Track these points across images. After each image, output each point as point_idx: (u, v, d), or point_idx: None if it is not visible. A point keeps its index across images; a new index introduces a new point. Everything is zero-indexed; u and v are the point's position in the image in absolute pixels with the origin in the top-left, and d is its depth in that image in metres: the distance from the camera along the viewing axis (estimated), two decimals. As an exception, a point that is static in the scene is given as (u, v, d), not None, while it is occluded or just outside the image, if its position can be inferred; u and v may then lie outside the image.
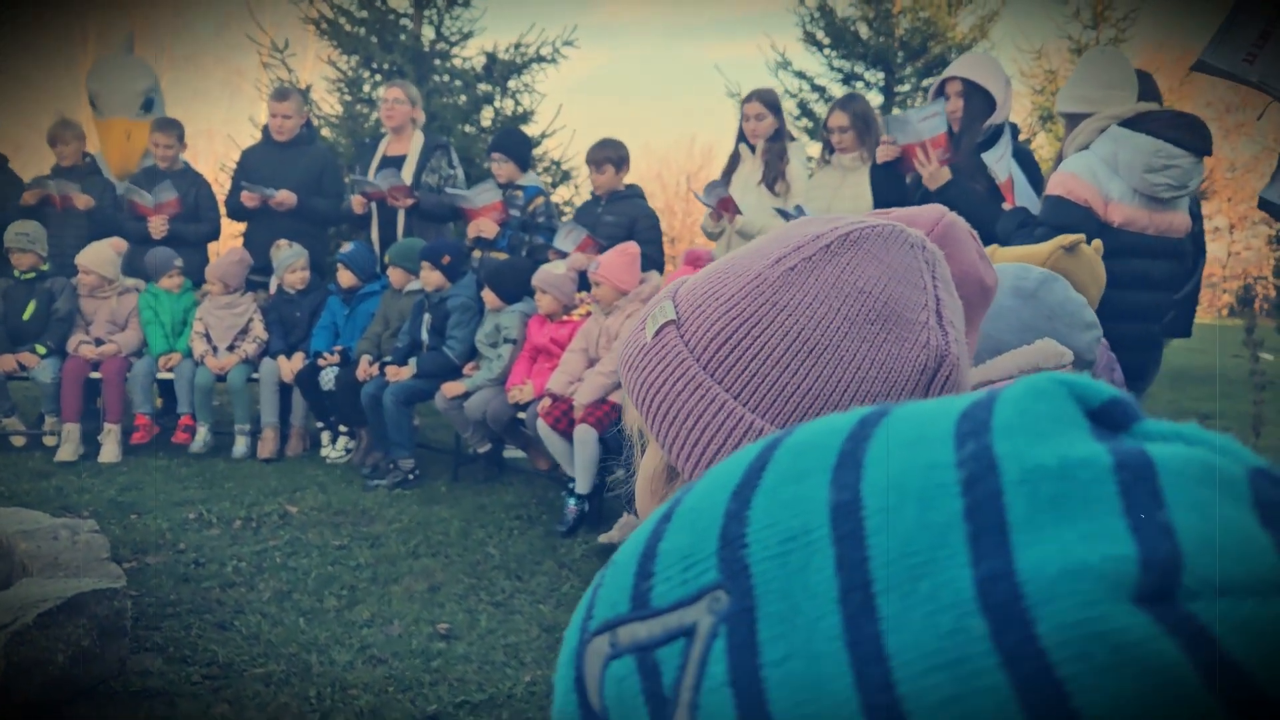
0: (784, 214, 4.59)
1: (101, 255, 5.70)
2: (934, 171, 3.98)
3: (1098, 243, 2.10)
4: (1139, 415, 0.32)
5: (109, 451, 5.51)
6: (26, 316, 5.63)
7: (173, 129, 6.20)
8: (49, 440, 5.69)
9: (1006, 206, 3.92)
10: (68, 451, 5.48)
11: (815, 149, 7.98)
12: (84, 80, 6.99)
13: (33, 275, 5.65)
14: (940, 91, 4.17)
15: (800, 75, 9.91)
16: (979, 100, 4.06)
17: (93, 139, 6.58)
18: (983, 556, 0.28)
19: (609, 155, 5.58)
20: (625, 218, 5.54)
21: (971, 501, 0.29)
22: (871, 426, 0.33)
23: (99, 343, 5.70)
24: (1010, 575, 0.27)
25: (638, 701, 0.34)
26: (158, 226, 5.96)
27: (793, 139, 5.25)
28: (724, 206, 5.00)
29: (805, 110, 9.80)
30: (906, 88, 9.33)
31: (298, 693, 2.93)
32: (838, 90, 9.63)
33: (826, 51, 9.70)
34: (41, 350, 5.60)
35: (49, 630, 2.81)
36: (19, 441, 5.81)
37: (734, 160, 5.31)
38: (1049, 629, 0.26)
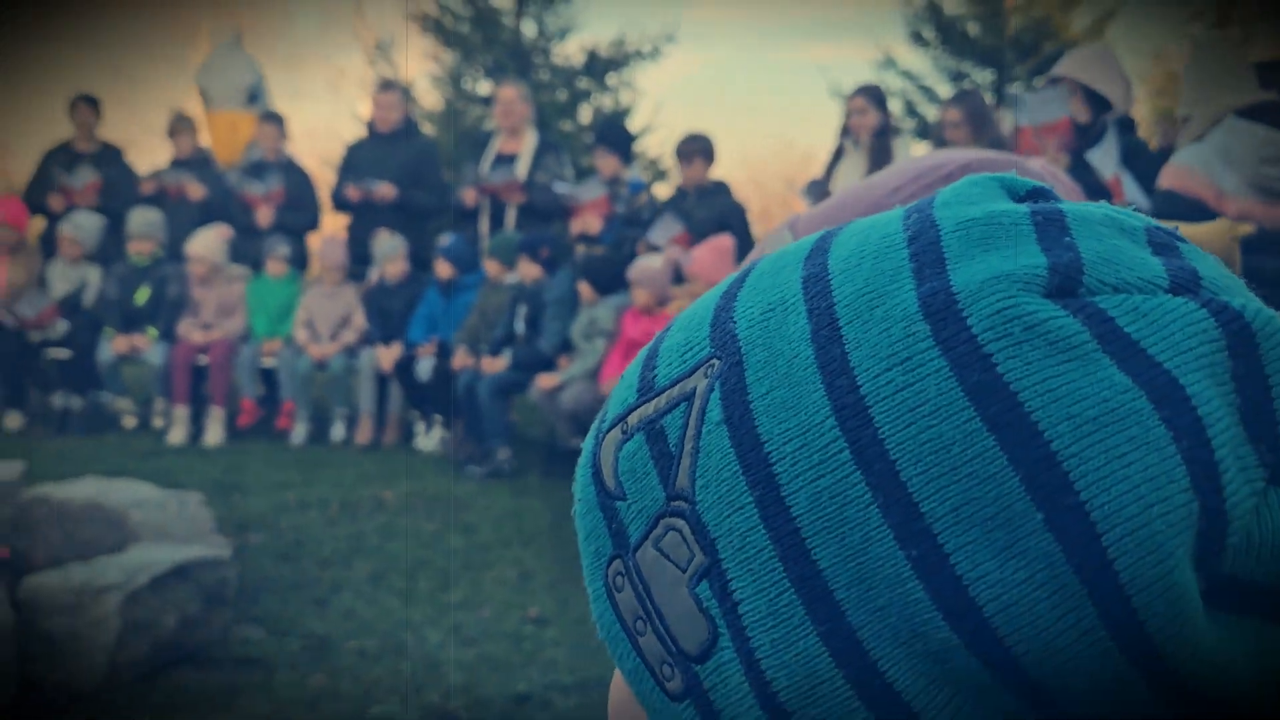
0: (888, 210, 4.52)
1: (211, 243, 5.90)
2: (1050, 158, 3.84)
3: (1240, 227, 1.99)
4: (1058, 199, 0.39)
5: (214, 434, 5.69)
6: (140, 301, 5.85)
7: (277, 121, 6.41)
8: (158, 421, 5.91)
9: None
10: (176, 433, 5.67)
11: (921, 149, 7.85)
12: (195, 77, 7.26)
13: (148, 261, 5.87)
14: (1055, 82, 4.04)
15: (906, 75, 9.77)
16: (1090, 99, 3.92)
17: (203, 133, 6.84)
18: (924, 280, 0.35)
19: (697, 147, 5.61)
20: (715, 211, 5.53)
21: (916, 249, 0.36)
22: (836, 230, 0.40)
23: (207, 327, 5.89)
24: (947, 289, 0.34)
25: (648, 467, 0.39)
26: (264, 215, 6.14)
27: (898, 133, 5.17)
28: (825, 203, 4.95)
29: (911, 110, 9.65)
30: (1017, 87, 9.11)
31: (391, 668, 2.98)
32: (944, 90, 9.46)
33: (933, 51, 9.55)
34: (153, 333, 5.82)
35: (160, 594, 2.92)
36: (130, 422, 6.04)
37: (837, 156, 5.25)
38: (977, 319, 0.33)
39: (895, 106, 9.43)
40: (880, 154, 4.99)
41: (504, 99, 6.11)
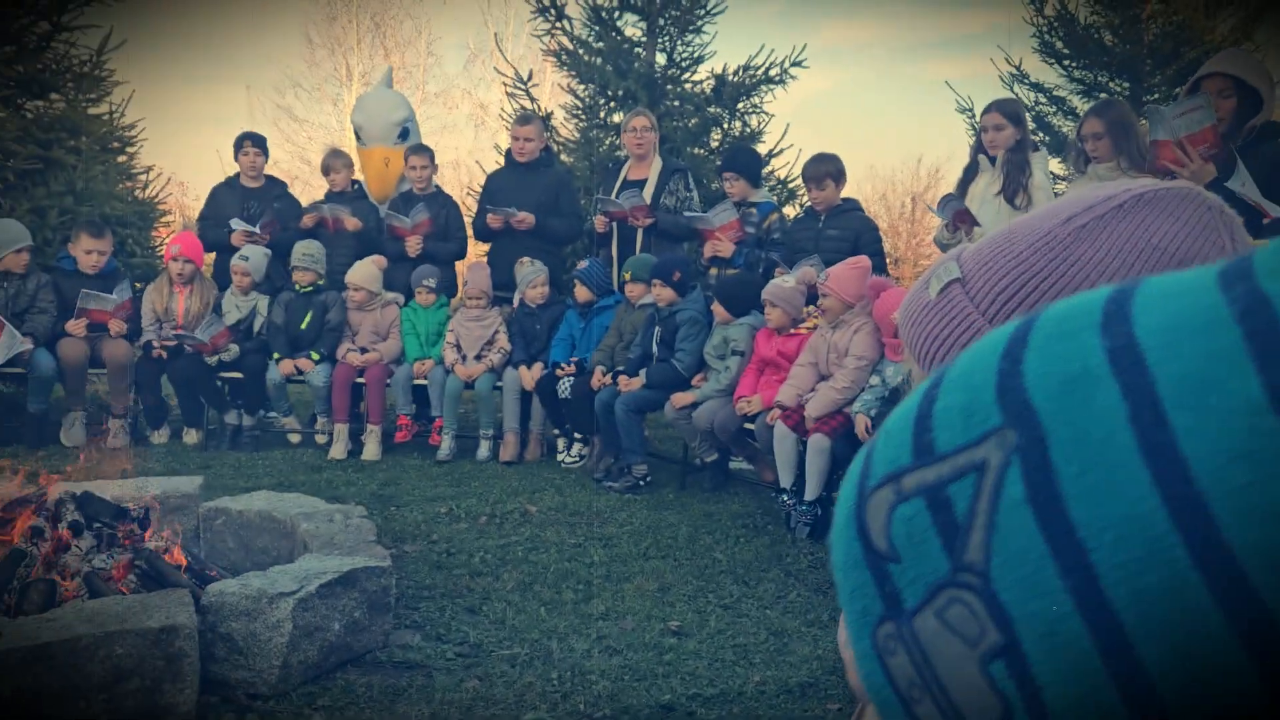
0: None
1: (367, 272, 6.26)
2: (1197, 169, 3.72)
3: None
4: None
5: (371, 450, 6.03)
6: (304, 326, 6.26)
7: (426, 154, 6.74)
8: (320, 438, 6.30)
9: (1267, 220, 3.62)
10: (337, 449, 6.04)
11: (1053, 165, 7.64)
12: (348, 115, 7.69)
13: (310, 289, 6.28)
14: (1195, 89, 3.92)
15: (1037, 87, 9.51)
16: (1241, 99, 3.78)
17: (357, 167, 7.24)
18: (1269, 369, 0.32)
19: (828, 170, 5.62)
20: (848, 231, 5.54)
21: (1250, 329, 0.33)
22: (1129, 290, 0.38)
23: (364, 351, 6.25)
24: None
25: (928, 534, 0.38)
26: (413, 245, 6.48)
27: (1036, 149, 5.08)
28: (960, 219, 4.90)
29: (1042, 123, 9.38)
30: (1155, 97, 8.74)
31: (541, 674, 3.11)
32: (1078, 102, 9.17)
33: (1066, 63, 9.26)
34: (315, 357, 6.20)
35: (328, 600, 3.13)
36: (295, 439, 6.46)
37: (970, 172, 5.20)
38: None
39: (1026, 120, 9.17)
40: (1015, 170, 4.92)
41: (635, 128, 6.30)
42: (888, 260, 5.69)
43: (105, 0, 7.19)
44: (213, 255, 6.80)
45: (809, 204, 5.85)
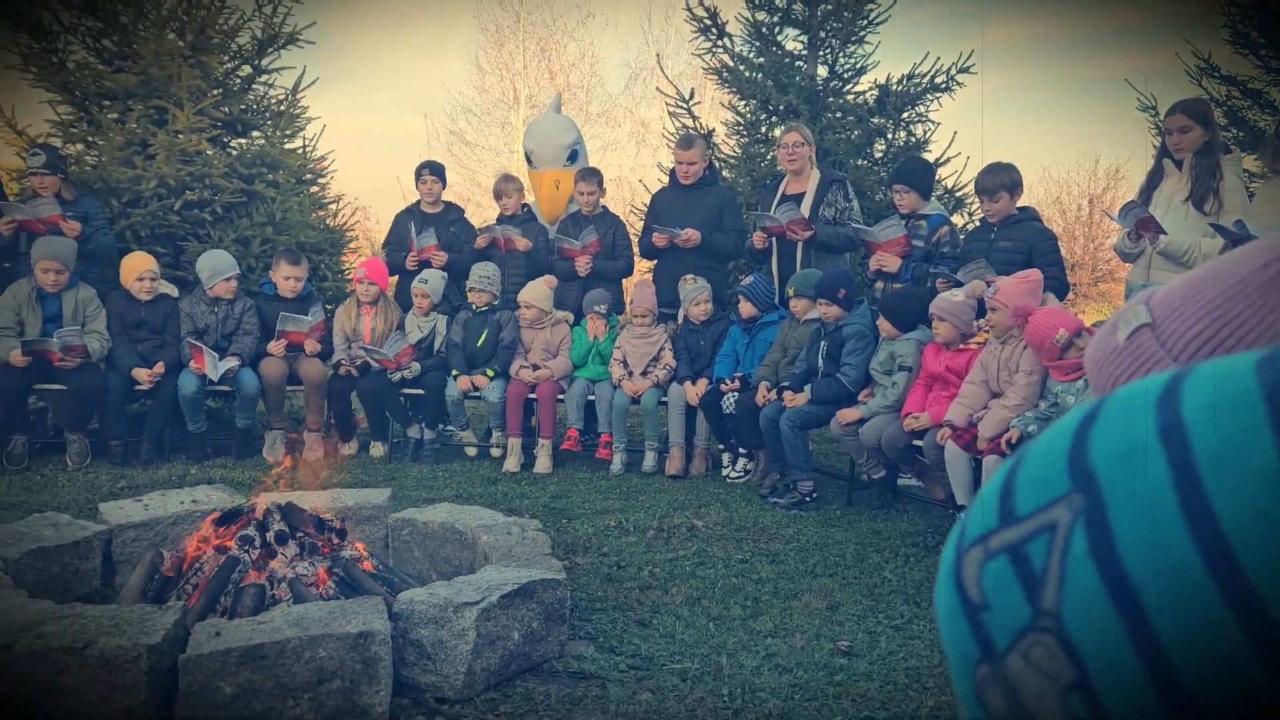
0: (1222, 231, 4.19)
1: (539, 291, 6.50)
2: None
3: None
4: None
5: (543, 463, 6.25)
6: (480, 344, 6.55)
7: (594, 176, 6.93)
8: (495, 451, 6.57)
9: None
10: (511, 462, 6.29)
11: (1249, 162, 7.17)
12: (517, 138, 7.96)
13: (486, 309, 6.56)
14: None
15: (1229, 80, 8.92)
16: None
17: (528, 190, 7.51)
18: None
19: (1001, 181, 5.43)
20: (1022, 243, 5.35)
21: (1273, 406, 0.40)
22: (1183, 374, 0.44)
23: (535, 368, 6.48)
24: None
25: (1013, 586, 0.44)
26: (583, 265, 6.67)
27: (1227, 150, 4.79)
28: (1144, 227, 4.68)
29: (1235, 118, 8.79)
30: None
31: (711, 690, 3.15)
32: (1276, 94, 8.54)
33: (1263, 52, 8.65)
34: (490, 373, 6.48)
35: (509, 610, 3.27)
36: (471, 452, 6.76)
37: (1154, 177, 4.95)
38: None
39: (1218, 117, 8.62)
40: (1205, 174, 4.66)
41: (787, 144, 6.30)
42: (1065, 266, 5.44)
43: (299, 43, 7.75)
44: (395, 278, 7.19)
45: (982, 216, 5.68)
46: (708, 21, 8.44)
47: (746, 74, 8.23)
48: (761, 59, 8.24)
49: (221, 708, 2.79)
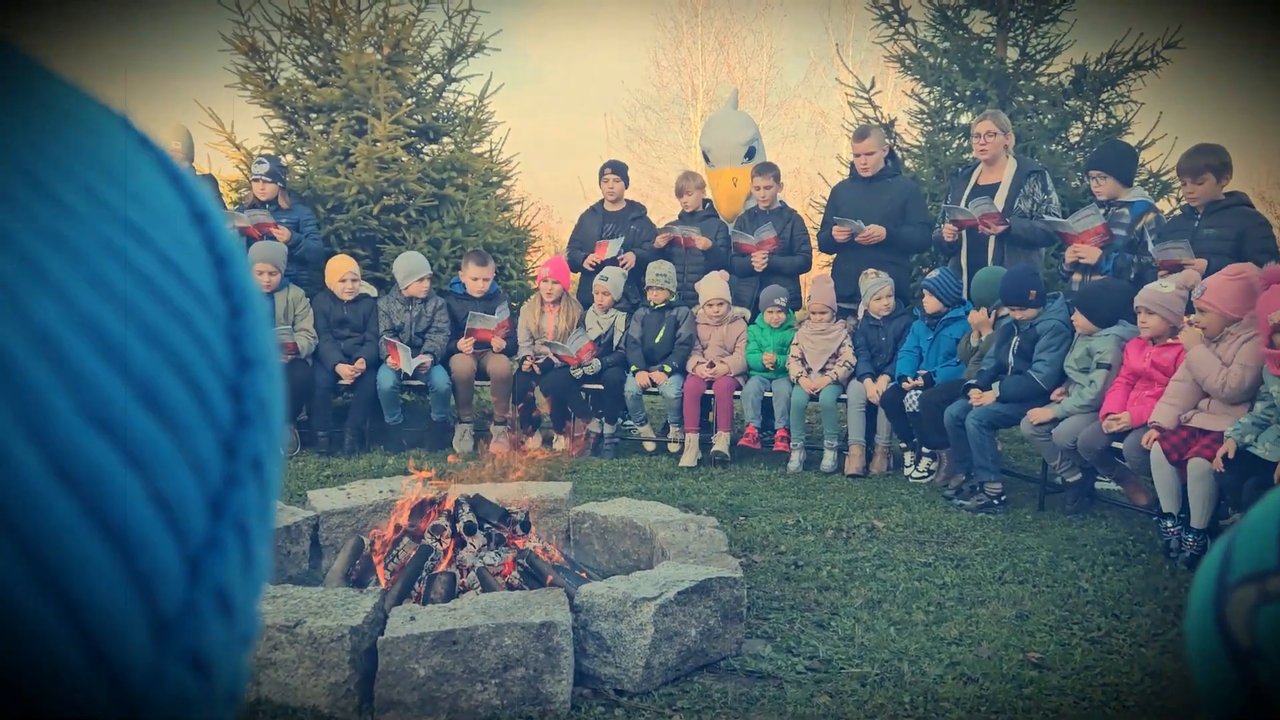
0: None
1: (715, 288, 6.51)
2: None
3: None
4: None
5: (720, 444, 6.29)
6: (658, 340, 6.63)
7: (770, 172, 6.88)
8: (673, 446, 6.64)
9: None
10: (688, 457, 6.34)
11: None
12: (695, 133, 7.99)
13: (663, 306, 6.64)
14: None
15: None
16: None
17: (707, 187, 7.53)
18: None
19: (1207, 162, 5.04)
20: (1230, 229, 4.95)
21: None
22: None
23: (712, 365, 6.50)
24: None
25: None
26: (759, 261, 6.64)
27: None
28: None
29: None
30: None
31: (892, 697, 3.08)
32: None
33: None
34: (668, 369, 6.55)
35: (685, 606, 3.31)
36: (649, 447, 6.85)
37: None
38: None
39: None
40: None
41: (979, 133, 6.04)
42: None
43: (486, 51, 8.05)
44: (577, 276, 7.37)
45: (1187, 203, 5.29)
46: (889, 8, 8.21)
47: (930, 60, 7.96)
48: (946, 44, 7.94)
49: (416, 688, 2.94)
